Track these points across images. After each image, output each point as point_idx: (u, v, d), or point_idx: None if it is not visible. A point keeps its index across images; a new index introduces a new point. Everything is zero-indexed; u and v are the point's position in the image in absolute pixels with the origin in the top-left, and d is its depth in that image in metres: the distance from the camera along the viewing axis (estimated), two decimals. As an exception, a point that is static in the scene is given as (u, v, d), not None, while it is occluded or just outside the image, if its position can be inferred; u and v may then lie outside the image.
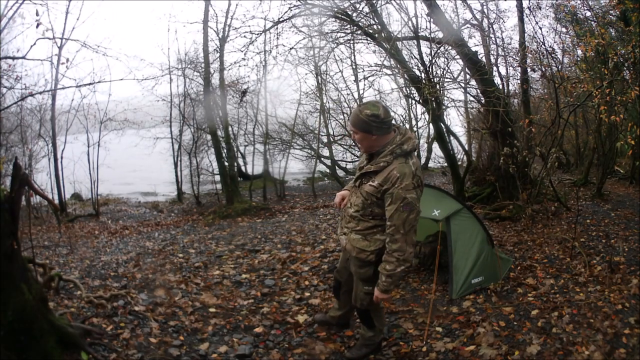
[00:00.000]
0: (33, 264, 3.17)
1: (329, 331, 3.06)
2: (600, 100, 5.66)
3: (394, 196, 2.14)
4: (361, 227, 2.35)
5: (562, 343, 2.70)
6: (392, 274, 2.23)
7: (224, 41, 9.63)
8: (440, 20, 6.79)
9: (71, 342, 2.38)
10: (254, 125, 12.48)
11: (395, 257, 2.20)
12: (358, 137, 2.25)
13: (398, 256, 2.19)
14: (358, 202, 2.33)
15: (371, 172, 2.24)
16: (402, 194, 2.12)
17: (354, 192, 2.39)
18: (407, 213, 2.14)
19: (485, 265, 3.75)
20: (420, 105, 10.51)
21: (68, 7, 11.32)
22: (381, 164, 2.20)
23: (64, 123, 11.60)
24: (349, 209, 2.41)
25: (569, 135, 12.44)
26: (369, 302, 2.48)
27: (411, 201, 2.14)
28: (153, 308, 3.31)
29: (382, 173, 2.20)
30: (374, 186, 2.22)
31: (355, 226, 2.38)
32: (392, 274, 2.22)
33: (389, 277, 2.24)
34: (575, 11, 7.93)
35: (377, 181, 2.21)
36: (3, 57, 8.21)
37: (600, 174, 8.14)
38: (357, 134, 2.24)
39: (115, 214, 10.55)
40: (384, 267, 2.25)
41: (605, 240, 4.94)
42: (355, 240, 2.38)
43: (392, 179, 2.15)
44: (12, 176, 2.20)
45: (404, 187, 2.13)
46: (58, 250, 5.94)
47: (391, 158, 2.19)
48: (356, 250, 2.38)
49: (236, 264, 4.80)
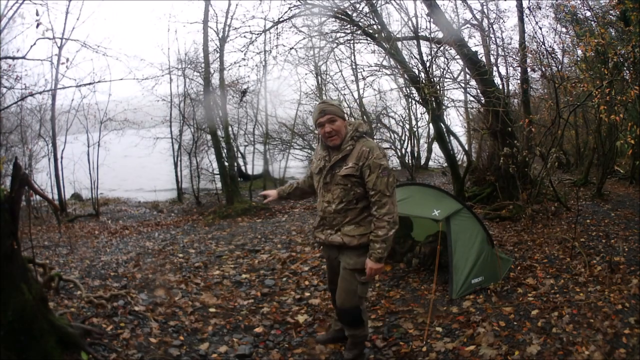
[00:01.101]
0: (33, 264, 3.17)
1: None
2: (600, 100, 5.66)
3: (371, 167, 2.30)
4: (351, 216, 2.38)
5: (562, 343, 2.70)
6: (385, 238, 2.28)
7: (224, 41, 9.63)
8: (440, 20, 6.79)
9: (71, 342, 2.38)
10: (254, 125, 12.50)
11: (386, 220, 2.29)
12: (337, 125, 2.37)
13: (388, 219, 2.28)
14: (337, 192, 2.38)
15: (339, 159, 2.37)
16: (378, 162, 2.30)
17: (326, 189, 2.43)
18: (387, 177, 2.30)
19: (485, 265, 3.75)
20: (420, 105, 10.51)
21: (68, 7, 11.37)
22: (348, 148, 2.36)
23: (64, 123, 11.60)
24: (327, 208, 2.42)
25: (569, 135, 12.45)
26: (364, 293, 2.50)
27: (387, 166, 2.33)
28: (153, 308, 3.31)
29: (351, 156, 2.35)
30: (350, 167, 2.33)
31: (343, 219, 2.39)
32: (385, 238, 2.28)
33: (383, 242, 2.28)
34: (575, 11, 7.93)
35: (351, 162, 2.34)
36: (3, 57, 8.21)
37: (600, 174, 8.14)
38: (335, 122, 2.37)
39: (115, 214, 10.55)
40: (377, 233, 2.29)
41: (605, 240, 4.94)
42: (350, 231, 2.38)
43: (364, 154, 2.33)
44: (12, 176, 2.20)
45: (376, 156, 2.31)
46: (58, 250, 5.94)
47: (353, 142, 2.38)
48: (356, 238, 2.36)
49: (236, 264, 4.80)
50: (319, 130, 2.43)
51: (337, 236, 2.42)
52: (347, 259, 2.42)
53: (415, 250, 4.42)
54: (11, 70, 8.94)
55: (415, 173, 12.60)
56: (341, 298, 2.47)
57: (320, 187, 2.47)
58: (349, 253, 2.42)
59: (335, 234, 2.42)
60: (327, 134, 2.37)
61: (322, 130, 2.39)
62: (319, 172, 2.48)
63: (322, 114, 2.37)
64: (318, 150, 2.57)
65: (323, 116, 2.37)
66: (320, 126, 2.40)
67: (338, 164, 2.38)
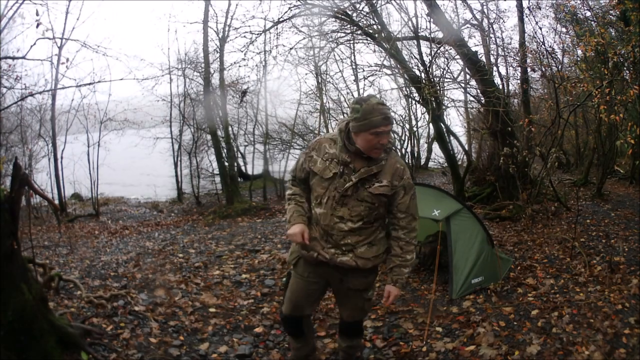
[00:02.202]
0: (33, 264, 3.17)
1: (329, 331, 3.06)
2: (600, 100, 5.66)
3: (406, 188, 2.02)
4: (364, 235, 2.03)
5: (562, 343, 2.70)
6: (411, 263, 2.11)
7: (224, 41, 9.64)
8: (440, 20, 6.80)
9: (71, 342, 2.38)
10: (254, 125, 12.48)
11: (414, 244, 2.11)
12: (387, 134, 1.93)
13: (415, 242, 2.13)
14: (359, 210, 1.97)
15: (373, 174, 1.97)
16: (411, 183, 2.06)
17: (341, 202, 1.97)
18: (415, 199, 2.07)
19: (485, 265, 3.75)
20: (420, 105, 10.51)
21: (68, 7, 11.39)
22: (382, 163, 1.98)
23: (64, 123, 11.62)
24: (338, 225, 1.98)
25: (569, 135, 12.44)
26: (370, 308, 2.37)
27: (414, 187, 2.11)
28: (153, 308, 3.31)
29: (385, 172, 1.99)
30: (385, 185, 1.97)
31: (358, 239, 2.02)
32: (411, 262, 2.10)
33: (409, 267, 2.10)
34: (575, 11, 7.93)
35: (385, 180, 1.98)
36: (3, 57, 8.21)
37: (600, 174, 8.14)
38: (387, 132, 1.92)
39: (115, 214, 10.56)
40: (405, 258, 2.07)
41: (605, 240, 4.94)
42: (364, 252, 2.03)
43: (399, 172, 2.01)
44: (12, 176, 2.20)
45: (408, 176, 2.05)
46: (58, 250, 5.94)
47: (385, 155, 2.00)
48: (371, 260, 2.06)
49: (236, 264, 4.80)
50: (366, 138, 1.91)
51: (349, 258, 2.03)
52: (355, 281, 2.11)
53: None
54: (11, 70, 8.97)
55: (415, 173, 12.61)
56: (351, 316, 2.27)
57: (330, 198, 1.99)
58: (357, 275, 2.10)
59: (345, 256, 2.03)
60: (380, 146, 1.93)
61: (374, 140, 1.90)
62: (331, 179, 1.99)
63: (387, 122, 1.90)
64: (325, 147, 2.04)
65: (387, 125, 1.90)
66: (375, 135, 1.89)
67: (369, 179, 1.97)
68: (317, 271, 2.13)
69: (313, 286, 2.18)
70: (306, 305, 2.24)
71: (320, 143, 2.06)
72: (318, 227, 2.03)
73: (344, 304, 2.26)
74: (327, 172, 1.99)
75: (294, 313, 2.23)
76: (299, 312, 2.24)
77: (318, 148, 2.05)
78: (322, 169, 2.00)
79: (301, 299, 2.20)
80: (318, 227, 2.03)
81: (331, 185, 1.98)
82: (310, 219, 2.09)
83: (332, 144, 2.03)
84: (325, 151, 2.02)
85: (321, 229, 2.02)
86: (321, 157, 2.02)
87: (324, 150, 2.03)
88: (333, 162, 1.99)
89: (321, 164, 2.01)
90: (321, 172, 2.00)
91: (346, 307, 2.25)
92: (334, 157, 2.00)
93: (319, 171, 2.01)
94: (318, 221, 2.03)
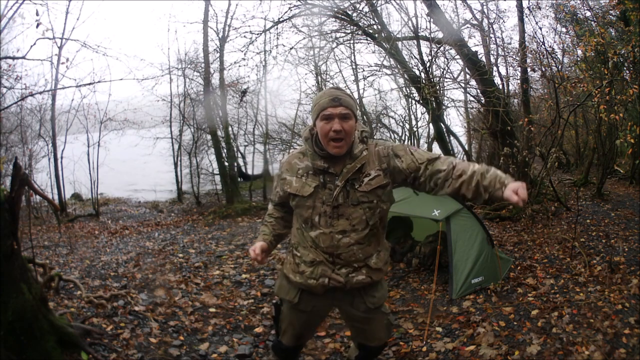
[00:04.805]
0: (33, 264, 3.17)
1: (329, 331, 3.06)
2: (600, 99, 5.67)
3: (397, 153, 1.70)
4: (374, 244, 1.76)
5: (562, 343, 2.70)
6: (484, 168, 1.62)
7: (224, 41, 9.64)
8: (440, 20, 6.80)
9: (71, 342, 2.38)
10: (254, 125, 12.48)
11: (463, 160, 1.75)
12: (350, 124, 1.63)
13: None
14: (358, 215, 1.68)
15: (357, 170, 1.67)
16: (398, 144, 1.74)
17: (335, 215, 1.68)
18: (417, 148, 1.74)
19: (485, 265, 3.75)
20: (420, 105, 10.51)
21: (68, 7, 11.39)
22: (363, 154, 1.69)
23: (64, 123, 11.59)
24: (343, 240, 1.69)
25: (569, 135, 12.44)
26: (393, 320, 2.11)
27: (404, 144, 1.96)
28: (153, 308, 3.31)
29: (369, 162, 1.70)
30: (376, 175, 1.68)
31: (368, 251, 1.74)
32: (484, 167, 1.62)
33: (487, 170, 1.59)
34: (575, 11, 7.94)
35: (373, 170, 1.68)
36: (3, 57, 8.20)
37: (600, 174, 8.14)
38: (349, 121, 1.63)
39: (115, 214, 10.55)
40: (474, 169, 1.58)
41: (605, 240, 4.94)
42: (377, 263, 1.78)
43: (383, 152, 1.71)
44: (12, 176, 2.20)
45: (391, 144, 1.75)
46: (58, 250, 5.93)
47: (362, 145, 1.70)
48: (382, 271, 1.82)
49: (236, 264, 4.80)
50: (319, 127, 1.64)
51: (365, 276, 1.75)
52: (370, 298, 1.82)
53: (415, 250, 4.42)
54: (11, 70, 8.95)
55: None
56: (377, 339, 1.97)
57: (322, 215, 1.69)
58: (369, 290, 1.82)
59: (359, 272, 1.74)
60: (334, 134, 1.61)
61: (325, 127, 1.62)
62: (314, 195, 1.69)
63: (336, 102, 1.61)
64: (296, 163, 1.76)
65: (336, 106, 1.61)
66: (325, 120, 1.62)
67: (356, 177, 1.68)
68: (324, 302, 1.85)
69: (318, 317, 1.97)
70: (310, 334, 2.11)
71: (289, 162, 1.78)
72: (319, 251, 1.73)
73: (365, 329, 1.94)
74: (307, 188, 1.70)
75: (297, 343, 2.02)
76: (302, 342, 2.09)
77: (289, 168, 1.77)
78: (300, 187, 1.72)
79: (305, 331, 2.00)
80: (319, 251, 1.73)
81: (317, 202, 1.69)
82: (281, 236, 1.93)
83: (301, 157, 1.76)
84: (297, 167, 1.75)
85: (323, 252, 1.72)
86: (295, 176, 1.74)
87: (295, 167, 1.75)
88: (309, 174, 1.72)
89: (297, 182, 1.73)
90: (300, 191, 1.71)
91: (370, 332, 1.94)
92: (308, 170, 1.72)
93: (297, 191, 1.72)
94: (317, 245, 1.72)
